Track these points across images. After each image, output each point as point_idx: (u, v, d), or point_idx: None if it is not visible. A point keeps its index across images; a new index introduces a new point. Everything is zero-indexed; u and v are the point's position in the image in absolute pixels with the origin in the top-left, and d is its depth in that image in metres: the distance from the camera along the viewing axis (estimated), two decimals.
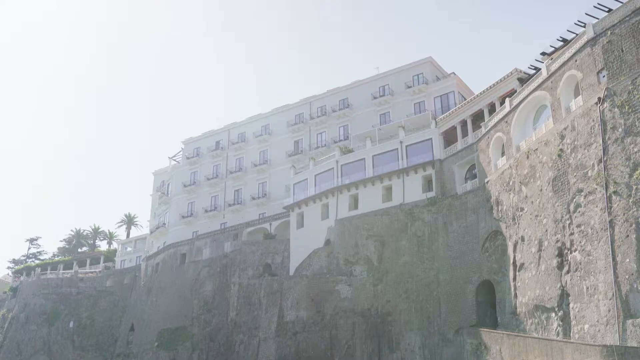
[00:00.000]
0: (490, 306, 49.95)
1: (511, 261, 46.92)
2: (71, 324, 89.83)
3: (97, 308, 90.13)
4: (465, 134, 59.48)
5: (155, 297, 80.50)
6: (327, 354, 56.93)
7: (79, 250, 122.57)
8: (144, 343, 77.75)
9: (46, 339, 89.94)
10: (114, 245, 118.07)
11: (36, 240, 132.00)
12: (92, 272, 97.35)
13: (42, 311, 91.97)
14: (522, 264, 45.20)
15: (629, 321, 33.56)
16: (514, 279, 46.14)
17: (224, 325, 70.00)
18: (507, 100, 51.78)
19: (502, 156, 51.96)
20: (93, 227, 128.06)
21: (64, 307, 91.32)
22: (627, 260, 34.42)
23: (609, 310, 34.88)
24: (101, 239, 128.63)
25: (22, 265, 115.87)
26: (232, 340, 67.90)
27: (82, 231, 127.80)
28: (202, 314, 73.63)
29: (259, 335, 63.28)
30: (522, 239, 45.47)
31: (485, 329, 46.56)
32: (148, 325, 78.97)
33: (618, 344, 32.98)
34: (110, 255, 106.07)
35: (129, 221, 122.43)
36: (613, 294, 34.58)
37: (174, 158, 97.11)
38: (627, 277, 34.20)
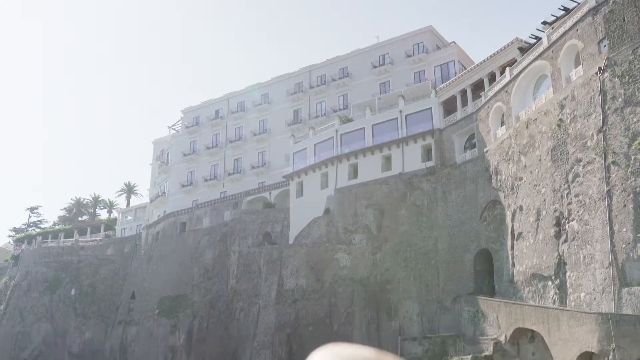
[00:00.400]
0: (488, 274, 50.49)
1: (509, 230, 47.31)
2: (73, 292, 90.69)
3: (98, 276, 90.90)
4: (465, 103, 59.42)
5: (155, 265, 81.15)
6: (326, 321, 57.66)
7: (79, 219, 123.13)
8: (145, 310, 78.61)
9: (48, 306, 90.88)
10: (114, 214, 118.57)
11: (36, 209, 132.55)
12: (92, 241, 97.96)
13: (44, 279, 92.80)
14: (520, 233, 45.59)
15: (625, 289, 34.02)
16: (512, 247, 46.59)
17: (224, 292, 70.71)
18: (507, 69, 51.65)
19: (502, 126, 52.02)
20: (93, 196, 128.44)
21: (65, 275, 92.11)
22: (624, 229, 34.75)
23: (605, 279, 35.33)
24: (101, 207, 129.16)
25: (23, 234, 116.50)
26: (232, 308, 68.66)
27: (82, 200, 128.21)
28: (202, 281, 74.31)
29: (258, 302, 63.97)
30: (521, 208, 45.79)
31: (483, 297, 47.14)
32: (149, 292, 79.76)
33: (613, 311, 33.48)
34: (110, 224, 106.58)
35: (129, 190, 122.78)
36: (609, 263, 34.99)
37: (173, 127, 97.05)
38: (623, 246, 34.58)
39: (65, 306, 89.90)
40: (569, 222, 39.40)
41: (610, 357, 31.70)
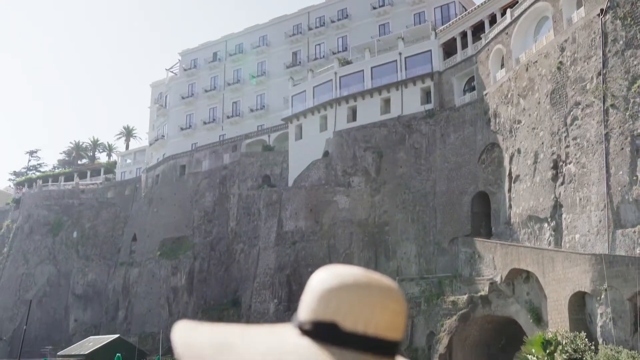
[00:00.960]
0: (485, 217, 51.15)
1: (507, 173, 47.70)
2: (75, 234, 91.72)
3: (99, 219, 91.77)
4: (465, 45, 58.93)
5: (156, 208, 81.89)
6: (325, 262, 58.60)
7: (79, 162, 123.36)
8: (147, 252, 79.73)
9: (51, 248, 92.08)
10: (114, 157, 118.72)
11: (36, 152, 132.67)
12: (93, 184, 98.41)
13: (46, 222, 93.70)
14: (517, 176, 46.00)
15: (619, 231, 34.61)
16: (509, 190, 47.07)
17: (225, 235, 71.62)
18: (508, 11, 51.07)
19: (502, 68, 51.77)
20: (92, 140, 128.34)
21: (66, 218, 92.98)
22: (621, 172, 35.12)
23: (600, 221, 35.90)
24: (100, 151, 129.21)
25: (23, 177, 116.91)
26: (232, 249, 69.68)
27: (81, 143, 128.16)
28: (202, 224, 75.14)
29: (258, 244, 64.90)
30: (519, 151, 46.05)
31: (480, 239, 47.89)
32: (150, 235, 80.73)
33: (607, 252, 34.15)
34: (110, 167, 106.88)
35: (128, 133, 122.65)
36: (605, 205, 35.49)
37: (171, 70, 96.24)
38: (619, 188, 35.01)
39: (68, 248, 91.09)
40: (566, 165, 39.74)
41: (603, 296, 32.52)
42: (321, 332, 1.11)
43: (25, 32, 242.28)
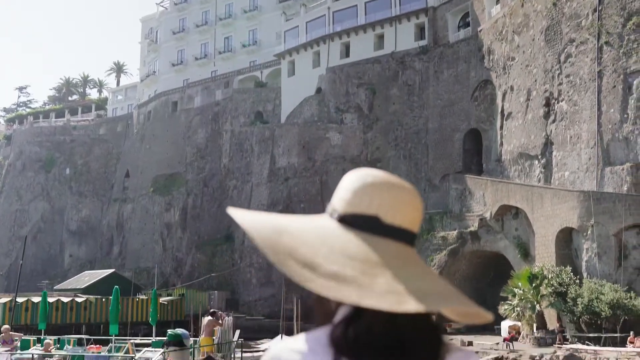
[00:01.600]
0: (477, 154, 51.46)
1: (499, 110, 47.75)
2: (67, 171, 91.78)
3: (91, 155, 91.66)
4: None
5: (148, 144, 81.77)
6: (318, 198, 59.16)
7: (69, 98, 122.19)
8: (140, 188, 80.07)
9: (44, 185, 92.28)
10: (105, 93, 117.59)
11: (25, 88, 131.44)
12: (84, 121, 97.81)
13: (38, 158, 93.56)
14: (509, 113, 46.07)
15: (608, 168, 35.01)
16: (501, 127, 47.23)
17: (217, 171, 71.86)
18: None
19: (497, 4, 51.07)
20: (82, 76, 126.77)
21: (59, 155, 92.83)
22: (612, 110, 35.27)
23: (590, 158, 36.25)
24: (91, 87, 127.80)
25: (13, 114, 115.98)
26: (225, 186, 70.06)
27: (71, 80, 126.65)
28: (195, 160, 75.27)
29: (251, 180, 65.25)
30: (512, 88, 45.98)
31: (470, 176, 48.33)
32: (143, 171, 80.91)
33: (595, 189, 34.63)
34: (101, 104, 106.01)
35: (119, 69, 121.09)
36: (595, 143, 35.78)
37: (161, 4, 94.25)
38: (610, 126, 35.22)
39: (61, 185, 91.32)
40: (558, 103, 39.80)
41: (589, 232, 33.17)
42: (362, 223, 1.32)
43: None
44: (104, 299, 43.33)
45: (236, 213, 1.37)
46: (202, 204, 72.28)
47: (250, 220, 1.35)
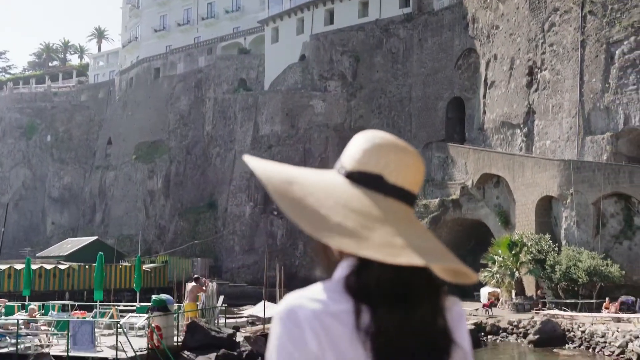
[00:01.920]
0: (459, 122, 51.66)
1: (482, 79, 47.85)
2: (49, 138, 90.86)
3: (73, 122, 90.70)
4: None
5: (131, 111, 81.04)
6: (301, 166, 59.10)
7: (50, 64, 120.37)
8: (122, 156, 79.58)
9: (25, 152, 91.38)
10: (86, 59, 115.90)
11: (4, 53, 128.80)
12: (65, 87, 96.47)
13: (19, 125, 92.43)
14: (493, 82, 46.20)
15: (588, 138, 35.37)
16: (484, 96, 47.38)
17: (200, 138, 71.52)
18: None
19: None
20: (63, 41, 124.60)
21: (40, 122, 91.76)
22: (594, 79, 35.49)
23: (571, 127, 36.57)
24: (72, 53, 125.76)
25: None
26: (208, 153, 69.83)
27: (51, 45, 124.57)
28: (178, 127, 74.80)
29: (234, 148, 65.08)
30: (495, 57, 46.02)
31: (453, 144, 48.58)
32: (125, 138, 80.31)
33: (575, 159, 35.02)
34: (82, 70, 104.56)
35: (100, 35, 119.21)
36: (576, 112, 36.06)
37: None
38: (591, 96, 35.48)
39: (42, 152, 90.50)
40: (541, 72, 39.96)
41: (568, 200, 33.63)
42: (367, 181, 1.44)
43: None
44: (87, 266, 43.37)
45: (251, 160, 1.50)
46: (185, 171, 72.06)
47: (264, 168, 1.48)
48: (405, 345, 1.37)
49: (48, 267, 43.84)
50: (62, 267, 44.69)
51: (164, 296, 18.30)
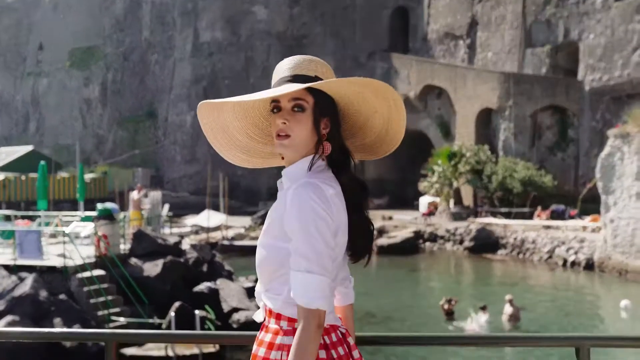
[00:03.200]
0: (403, 32, 51.36)
1: None
2: None
3: (0, 26, 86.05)
4: None
5: (62, 14, 77.21)
6: (243, 75, 58.28)
7: None
8: (55, 62, 76.38)
9: None
10: None
11: None
12: None
13: None
14: None
15: (529, 50, 35.86)
16: (429, 6, 47.03)
17: (138, 44, 69.08)
18: None
19: None
20: None
21: None
22: None
23: (512, 39, 36.93)
24: None
25: None
26: (147, 60, 67.72)
27: None
28: (114, 33, 71.90)
29: (174, 55, 63.34)
30: None
31: (397, 54, 48.46)
32: (57, 44, 76.85)
33: (516, 71, 35.58)
34: None
35: None
36: (519, 24, 36.32)
37: None
38: (533, 8, 35.70)
39: None
40: None
41: (507, 112, 34.41)
42: (302, 78, 2.33)
43: None
44: (23, 177, 42.34)
45: (200, 107, 2.59)
46: (122, 79, 69.92)
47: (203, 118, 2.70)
48: (355, 198, 2.26)
49: None
50: None
51: (109, 205, 18.19)
